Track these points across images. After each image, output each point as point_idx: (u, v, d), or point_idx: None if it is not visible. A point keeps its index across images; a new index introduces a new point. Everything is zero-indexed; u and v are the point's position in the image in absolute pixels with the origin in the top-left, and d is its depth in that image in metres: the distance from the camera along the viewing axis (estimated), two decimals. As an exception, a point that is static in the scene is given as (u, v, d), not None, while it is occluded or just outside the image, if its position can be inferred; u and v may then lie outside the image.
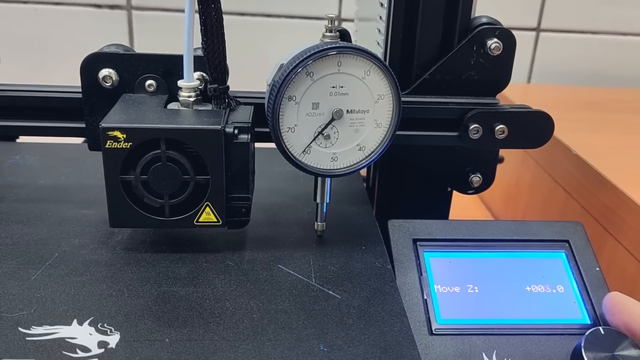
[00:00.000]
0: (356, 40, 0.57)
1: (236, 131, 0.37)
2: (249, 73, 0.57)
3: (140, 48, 0.75)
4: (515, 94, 0.71)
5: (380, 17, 0.46)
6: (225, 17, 0.37)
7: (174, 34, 0.74)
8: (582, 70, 0.86)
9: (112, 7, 0.77)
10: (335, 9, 0.79)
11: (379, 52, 0.46)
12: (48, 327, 0.32)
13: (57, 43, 0.79)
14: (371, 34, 0.49)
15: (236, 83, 0.41)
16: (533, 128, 0.44)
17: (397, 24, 0.44)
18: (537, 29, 0.84)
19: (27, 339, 0.31)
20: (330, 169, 0.38)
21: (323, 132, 0.37)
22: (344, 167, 0.39)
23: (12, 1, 0.76)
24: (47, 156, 0.54)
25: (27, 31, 0.78)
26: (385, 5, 0.44)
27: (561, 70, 0.86)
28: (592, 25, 0.84)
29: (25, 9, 0.77)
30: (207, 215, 0.38)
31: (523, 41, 0.83)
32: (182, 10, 0.36)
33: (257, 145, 0.42)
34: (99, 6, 0.77)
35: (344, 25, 0.38)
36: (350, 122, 0.37)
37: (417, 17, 0.43)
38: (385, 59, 0.45)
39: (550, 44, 0.84)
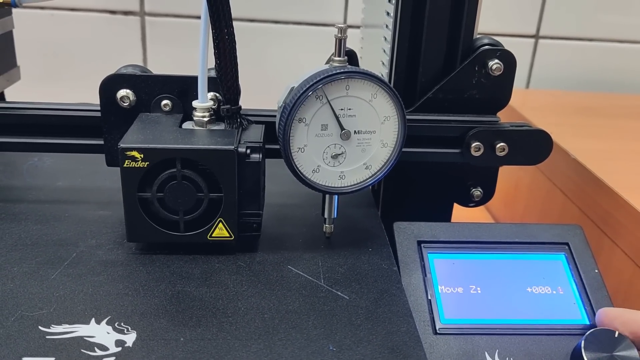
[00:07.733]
0: (362, 47, 0.58)
1: (248, 151, 0.38)
2: (256, 77, 0.58)
3: (152, 53, 0.76)
4: (515, 99, 0.70)
5: (387, 26, 0.46)
6: (235, 23, 0.38)
7: (186, 40, 0.76)
8: (580, 76, 0.86)
9: (126, 13, 0.78)
10: (341, 15, 0.80)
11: (385, 59, 0.47)
12: (67, 325, 0.32)
13: (73, 47, 0.80)
14: (377, 42, 0.49)
15: (246, 87, 0.42)
16: (532, 146, 0.45)
17: (404, 31, 0.44)
18: (536, 36, 0.84)
19: (47, 337, 0.31)
20: (338, 187, 0.39)
21: (332, 154, 0.38)
22: (351, 185, 0.40)
23: (29, 7, 0.77)
24: (64, 158, 0.54)
25: (43, 36, 0.79)
26: (392, 14, 0.45)
27: (559, 76, 0.86)
28: (590, 33, 0.85)
29: (43, 15, 0.79)
30: (220, 231, 0.39)
31: (522, 48, 0.84)
32: (194, 17, 0.37)
33: (268, 146, 0.42)
34: (113, 12, 0.78)
35: (350, 32, 0.39)
36: (358, 142, 0.38)
37: (423, 26, 0.44)
38: (390, 77, 0.46)
39: (549, 50, 0.85)
